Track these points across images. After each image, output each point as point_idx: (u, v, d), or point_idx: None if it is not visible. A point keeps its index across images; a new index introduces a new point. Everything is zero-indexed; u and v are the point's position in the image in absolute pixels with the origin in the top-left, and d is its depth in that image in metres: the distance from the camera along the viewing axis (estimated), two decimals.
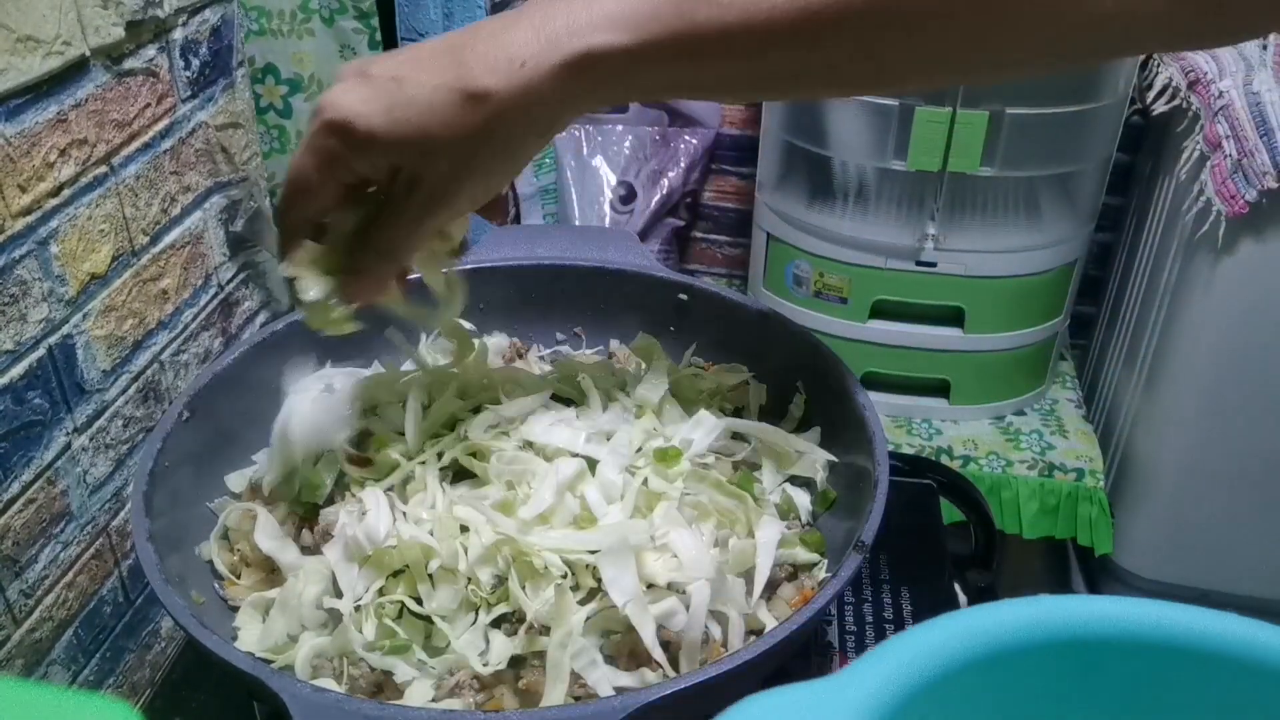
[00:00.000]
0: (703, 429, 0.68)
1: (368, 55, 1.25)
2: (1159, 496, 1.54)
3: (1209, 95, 1.34)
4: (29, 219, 0.77)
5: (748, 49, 0.49)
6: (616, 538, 0.58)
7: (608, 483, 0.63)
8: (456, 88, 0.50)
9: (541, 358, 0.82)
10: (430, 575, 0.60)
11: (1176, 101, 1.43)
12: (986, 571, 0.83)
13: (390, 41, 1.44)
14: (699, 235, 1.98)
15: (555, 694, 0.55)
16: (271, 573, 0.64)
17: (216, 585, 0.65)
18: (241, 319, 1.10)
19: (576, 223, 1.78)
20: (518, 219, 1.82)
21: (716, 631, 0.59)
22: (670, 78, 0.51)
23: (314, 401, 0.69)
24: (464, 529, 0.61)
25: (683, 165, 1.80)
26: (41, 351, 0.80)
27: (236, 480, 0.70)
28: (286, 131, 1.26)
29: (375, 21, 1.23)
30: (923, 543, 0.82)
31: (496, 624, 0.59)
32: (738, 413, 0.74)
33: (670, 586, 0.58)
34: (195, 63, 0.98)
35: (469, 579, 0.59)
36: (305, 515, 0.66)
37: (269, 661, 0.58)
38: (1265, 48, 1.39)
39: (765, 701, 0.32)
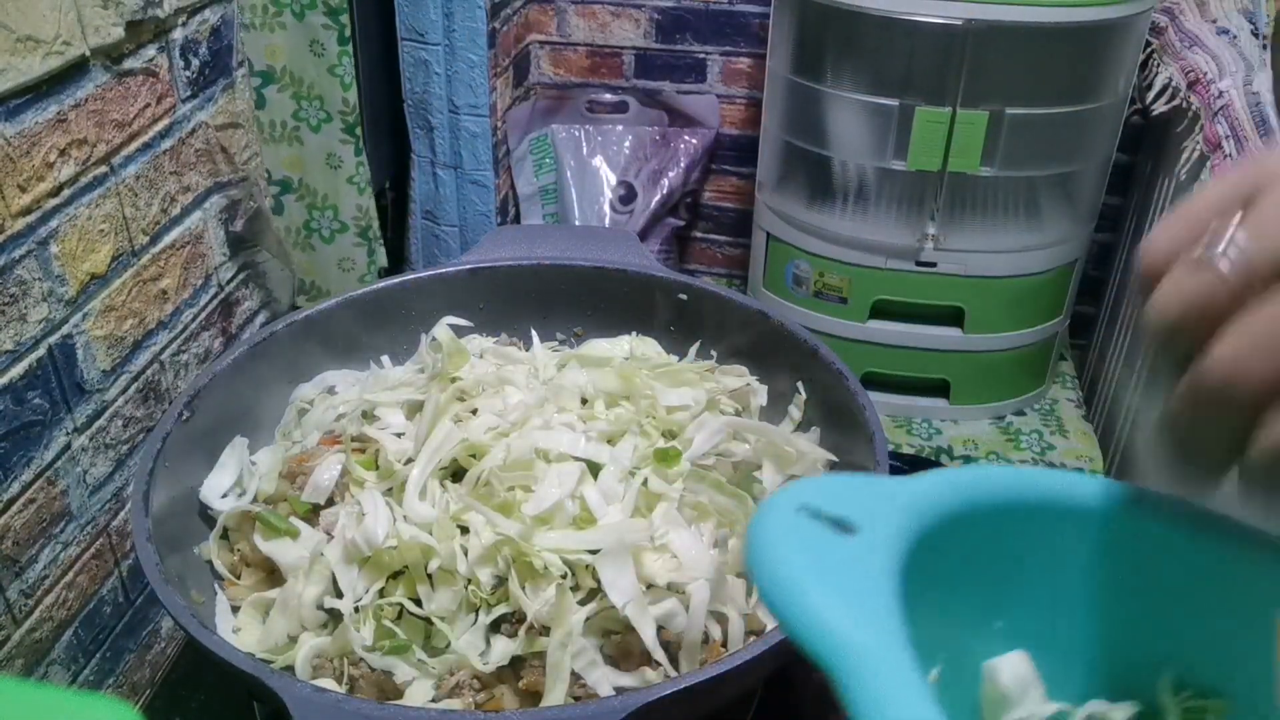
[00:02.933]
0: (705, 430, 0.68)
1: (337, 51, 1.24)
2: None
3: (1209, 95, 1.34)
4: (29, 219, 0.77)
5: None
6: (615, 538, 0.58)
7: (608, 484, 0.63)
8: None
9: (553, 349, 0.82)
10: (430, 576, 0.60)
11: (1176, 101, 1.43)
12: None
13: (385, 36, 1.44)
14: (699, 235, 1.98)
15: (555, 694, 0.55)
16: (271, 573, 0.64)
17: (217, 585, 0.65)
18: (241, 319, 1.10)
19: (576, 223, 1.78)
20: (518, 219, 1.82)
21: (716, 631, 0.59)
22: None
23: None
24: (463, 530, 0.61)
25: (683, 165, 1.80)
26: (41, 351, 0.80)
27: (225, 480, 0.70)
28: (260, 123, 1.27)
29: (345, 19, 1.23)
30: None
31: (496, 625, 0.59)
32: (738, 413, 0.74)
33: (670, 587, 0.58)
34: (195, 63, 0.98)
35: (469, 580, 0.59)
36: (305, 516, 0.66)
37: (269, 661, 0.58)
38: (1265, 47, 1.39)
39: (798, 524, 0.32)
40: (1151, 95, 1.48)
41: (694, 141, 1.81)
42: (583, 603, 0.57)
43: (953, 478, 0.37)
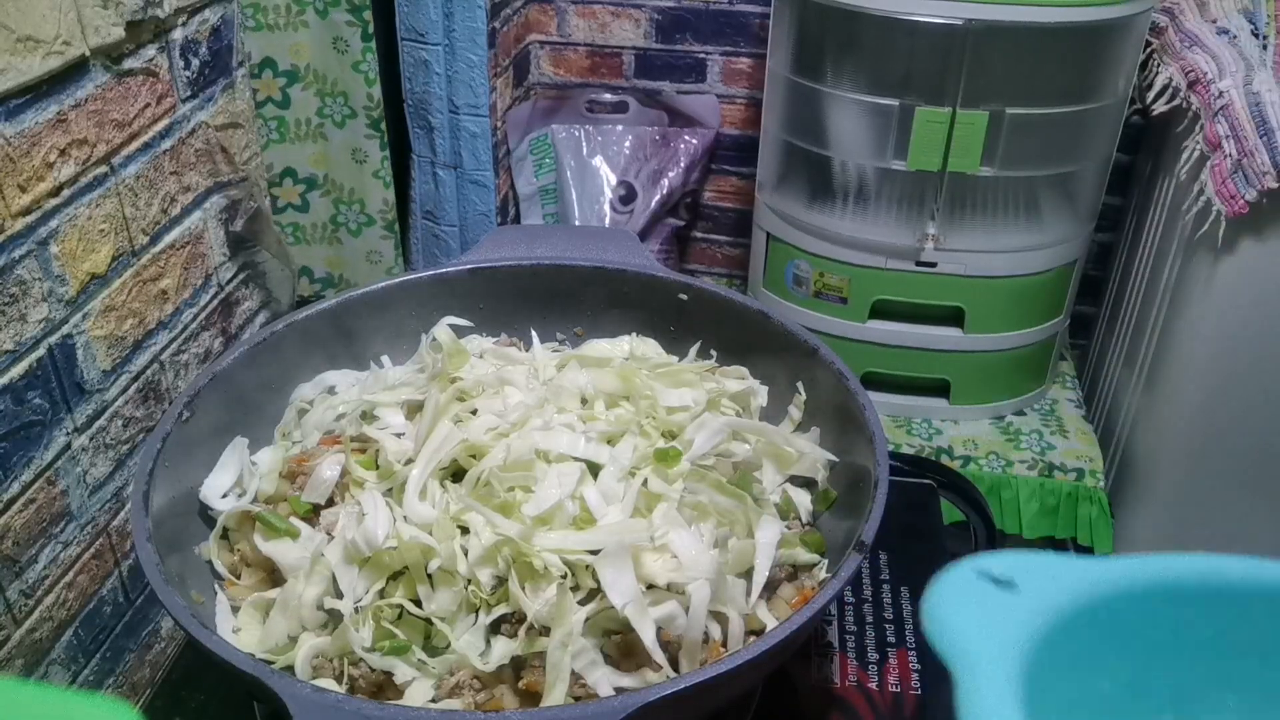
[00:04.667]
0: (706, 431, 0.68)
1: (361, 48, 1.25)
2: (1159, 496, 1.54)
3: (1209, 95, 1.34)
4: (29, 219, 0.77)
5: None
6: (615, 539, 0.58)
7: (607, 484, 0.63)
8: None
9: (553, 349, 0.82)
10: (430, 576, 0.60)
11: (1176, 101, 1.43)
12: None
13: (385, 36, 1.45)
14: (699, 235, 1.98)
15: (555, 694, 0.55)
16: (271, 573, 0.64)
17: (217, 585, 0.65)
18: (241, 319, 1.10)
19: (576, 223, 1.78)
20: (518, 219, 1.82)
21: (716, 631, 0.59)
22: None
23: None
24: (464, 530, 0.61)
25: (683, 165, 1.80)
26: (41, 351, 0.80)
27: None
28: (285, 122, 1.27)
29: (368, 15, 1.23)
30: (923, 543, 0.82)
31: (496, 625, 0.59)
32: (737, 414, 0.74)
33: (670, 587, 0.58)
34: (195, 63, 0.98)
35: (469, 580, 0.59)
36: (305, 516, 0.66)
37: (269, 662, 0.58)
38: (1265, 48, 1.39)
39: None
40: (1151, 95, 1.48)
41: (694, 141, 1.81)
42: (583, 603, 0.58)
43: (1148, 563, 0.40)
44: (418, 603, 0.60)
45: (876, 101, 1.40)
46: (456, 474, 0.66)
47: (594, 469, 0.64)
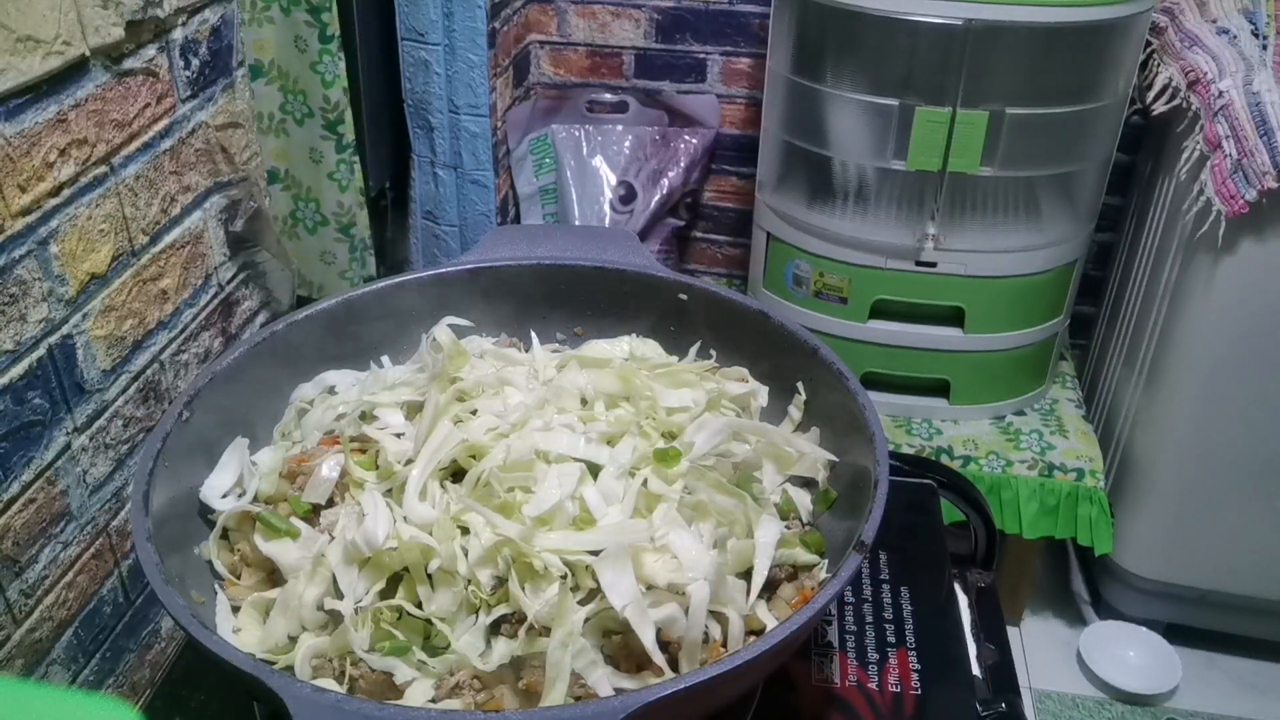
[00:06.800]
0: (706, 431, 0.68)
1: (318, 49, 1.26)
2: (1159, 496, 1.54)
3: (1209, 95, 1.34)
4: (29, 219, 0.77)
5: None
6: (615, 539, 0.58)
7: (607, 484, 0.63)
8: None
9: (553, 350, 0.82)
10: (430, 576, 0.60)
11: (1176, 101, 1.43)
12: (986, 571, 0.83)
13: (385, 36, 1.44)
14: (699, 235, 1.98)
15: (555, 694, 0.55)
16: (271, 573, 0.64)
17: (217, 585, 0.65)
18: (241, 319, 1.10)
19: (576, 223, 1.78)
20: (518, 219, 1.82)
21: (716, 631, 0.59)
22: None
23: None
24: (464, 530, 0.61)
25: (683, 165, 1.80)
26: (41, 351, 0.80)
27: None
28: None
29: (327, 17, 1.24)
30: (923, 543, 0.82)
31: (496, 625, 0.59)
32: (737, 414, 0.74)
33: (670, 587, 0.58)
34: (195, 63, 0.98)
35: (469, 580, 0.59)
36: (305, 516, 0.66)
37: (270, 662, 0.58)
38: (1265, 48, 1.39)
39: None
40: (1151, 95, 1.48)
41: (694, 141, 1.81)
42: (583, 603, 0.58)
43: None
44: (418, 603, 0.60)
45: (876, 101, 1.40)
46: (456, 474, 0.66)
47: (594, 469, 0.64)
